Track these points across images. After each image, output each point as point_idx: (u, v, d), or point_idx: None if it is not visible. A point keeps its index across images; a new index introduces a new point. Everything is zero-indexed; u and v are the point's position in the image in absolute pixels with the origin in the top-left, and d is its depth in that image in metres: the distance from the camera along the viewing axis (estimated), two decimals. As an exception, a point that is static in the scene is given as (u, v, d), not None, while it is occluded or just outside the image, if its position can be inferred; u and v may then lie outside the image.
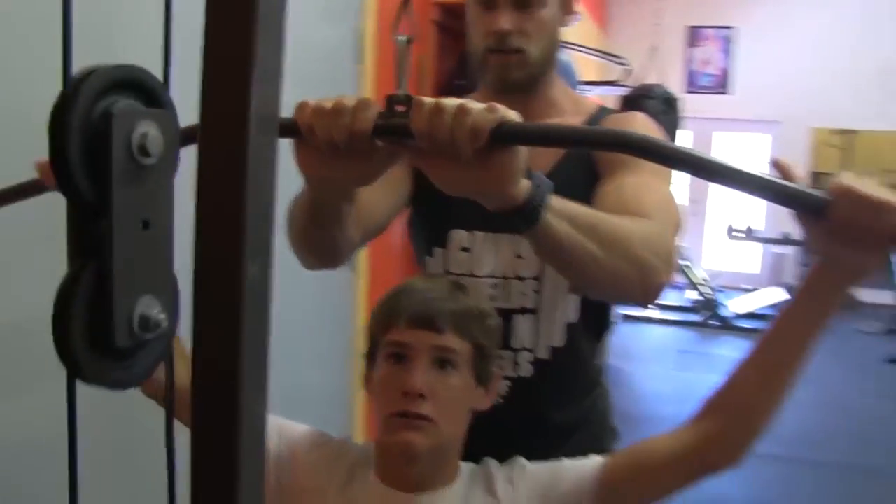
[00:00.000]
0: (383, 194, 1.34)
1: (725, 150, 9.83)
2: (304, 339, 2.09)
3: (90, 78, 0.43)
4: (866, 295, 9.41)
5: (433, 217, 1.47)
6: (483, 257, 1.42)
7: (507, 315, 1.39)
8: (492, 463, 1.22)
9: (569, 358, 1.44)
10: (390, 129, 0.93)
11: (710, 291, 8.23)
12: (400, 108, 0.93)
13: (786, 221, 9.58)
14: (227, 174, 0.39)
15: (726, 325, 7.96)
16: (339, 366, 2.24)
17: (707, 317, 8.11)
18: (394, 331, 1.14)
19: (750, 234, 9.12)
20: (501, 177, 0.93)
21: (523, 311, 1.41)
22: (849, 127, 9.87)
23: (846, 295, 0.96)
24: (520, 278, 1.41)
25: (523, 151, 0.93)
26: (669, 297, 8.87)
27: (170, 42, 0.48)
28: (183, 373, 1.15)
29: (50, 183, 1.08)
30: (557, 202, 1.01)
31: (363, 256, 2.82)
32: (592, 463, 1.16)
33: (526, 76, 1.39)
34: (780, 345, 1.02)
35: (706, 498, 3.79)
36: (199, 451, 0.41)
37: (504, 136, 0.89)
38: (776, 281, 9.71)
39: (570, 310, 1.43)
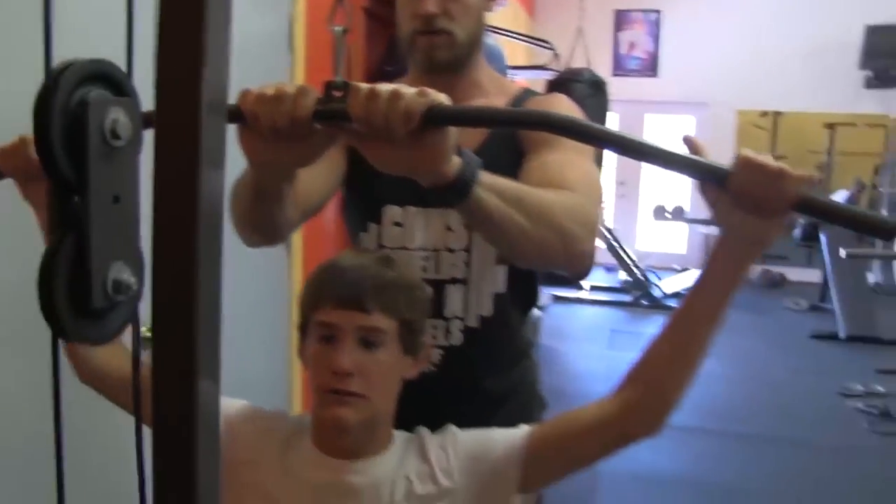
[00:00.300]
0: (319, 176, 1.40)
1: (655, 131, 10.02)
2: (242, 315, 2.15)
3: (68, 71, 0.49)
4: (793, 273, 9.76)
5: (367, 195, 1.53)
6: (415, 231, 1.49)
7: (438, 285, 1.46)
8: (424, 431, 1.28)
9: (497, 327, 1.52)
10: (329, 114, 0.99)
11: (640, 272, 8.41)
12: (337, 94, 0.99)
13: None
14: (182, 155, 0.45)
15: (657, 305, 8.14)
16: (276, 342, 2.30)
17: (638, 296, 8.28)
18: (322, 311, 1.18)
19: (678, 215, 9.37)
20: (433, 156, 1.00)
21: (454, 281, 1.49)
22: (774, 108, 10.15)
23: (749, 266, 1.05)
24: (450, 250, 1.48)
25: (453, 132, 1.00)
26: (601, 278, 9.07)
27: (132, 38, 0.54)
28: (121, 362, 1.20)
29: (7, 172, 1.13)
30: (486, 177, 1.09)
31: (297, 234, 2.86)
32: (520, 432, 1.22)
33: (452, 57, 1.46)
34: (690, 318, 1.10)
35: (637, 471, 3.97)
36: (160, 415, 0.46)
37: (435, 118, 0.96)
38: (703, 260, 9.99)
39: (498, 280, 1.51)
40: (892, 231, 0.94)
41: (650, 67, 10.03)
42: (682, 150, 0.99)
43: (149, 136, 0.49)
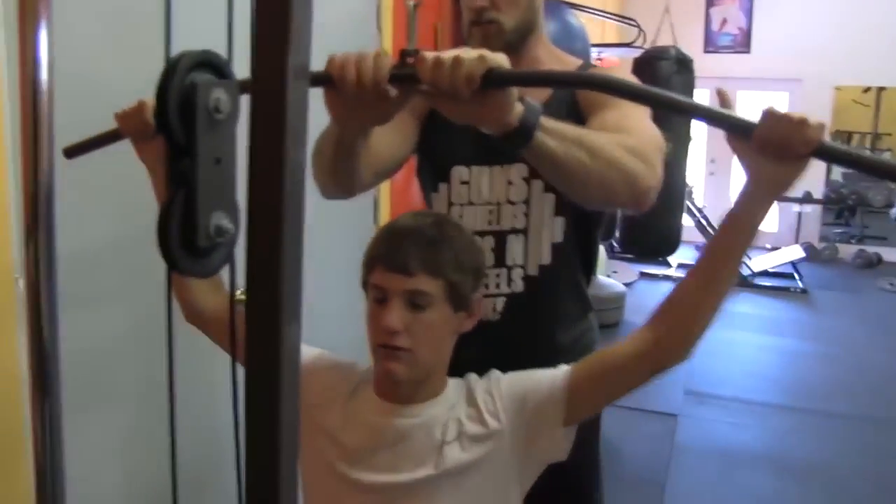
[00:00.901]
0: (392, 142, 1.56)
1: (747, 108, 9.84)
2: (331, 272, 2.31)
3: (182, 59, 0.63)
4: (891, 254, 9.50)
5: (436, 158, 1.68)
6: (480, 187, 1.62)
7: (500, 236, 1.61)
8: (472, 377, 1.40)
9: (555, 275, 1.63)
10: (403, 78, 1.15)
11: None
12: (410, 61, 1.15)
13: (804, 179, 9.68)
14: (272, 113, 0.57)
15: (744, 283, 8.06)
16: (360, 297, 2.46)
17: (725, 274, 8.19)
18: (375, 273, 1.30)
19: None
20: (496, 109, 1.15)
21: (514, 231, 1.61)
22: (877, 84, 9.81)
23: (769, 209, 1.14)
24: (511, 202, 1.60)
25: (513, 88, 1.14)
26: (689, 256, 9.02)
27: (232, 33, 0.67)
28: (221, 305, 1.36)
29: (125, 132, 1.32)
30: (547, 122, 1.22)
31: (384, 196, 3.06)
32: (560, 372, 1.33)
33: (503, 44, 1.57)
34: (715, 256, 1.20)
35: (715, 446, 4.01)
36: (253, 357, 0.57)
37: (492, 81, 1.10)
38: (795, 239, 9.80)
39: (556, 231, 1.62)
40: None
41: (743, 43, 9.82)
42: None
43: (245, 105, 0.61)
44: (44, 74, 0.59)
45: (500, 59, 1.12)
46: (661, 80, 4.30)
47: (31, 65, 0.58)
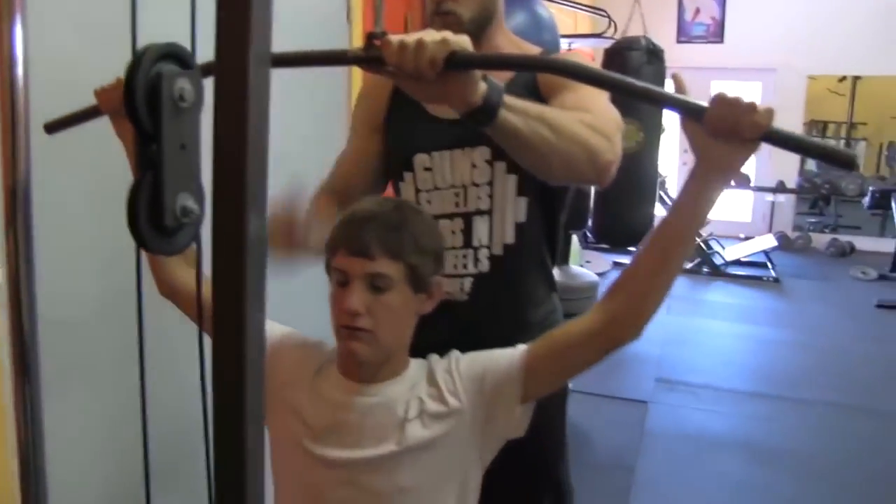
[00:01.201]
0: (357, 174, 1.75)
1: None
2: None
3: (148, 51, 0.67)
4: (864, 243, 9.63)
5: (399, 149, 1.74)
6: (444, 172, 1.67)
7: (467, 217, 1.66)
8: (433, 357, 1.44)
9: (520, 254, 1.68)
10: (370, 60, 1.21)
11: (701, 240, 8.41)
12: (377, 42, 1.20)
13: (778, 169, 9.80)
14: (236, 97, 0.60)
15: (717, 272, 8.17)
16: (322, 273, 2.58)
17: (698, 264, 8.31)
18: (337, 257, 1.33)
19: (741, 183, 9.31)
20: (459, 89, 1.21)
21: (479, 212, 1.66)
22: (852, 73, 9.90)
23: (723, 185, 1.17)
24: (475, 185, 1.65)
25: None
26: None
27: (195, 25, 0.72)
28: (192, 277, 1.40)
29: (105, 108, 1.36)
30: (510, 100, 1.28)
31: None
32: (518, 351, 1.38)
33: (462, 33, 1.63)
34: (666, 237, 1.24)
35: (686, 432, 4.09)
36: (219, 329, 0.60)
37: (455, 63, 1.17)
38: (769, 228, 9.93)
39: (519, 211, 1.67)
40: (849, 161, 1.08)
41: (716, 33, 9.88)
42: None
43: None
44: (20, 70, 0.63)
45: (463, 42, 1.18)
46: (632, 71, 4.36)
47: (7, 60, 0.62)
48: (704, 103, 1.10)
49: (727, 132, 1.09)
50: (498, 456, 1.48)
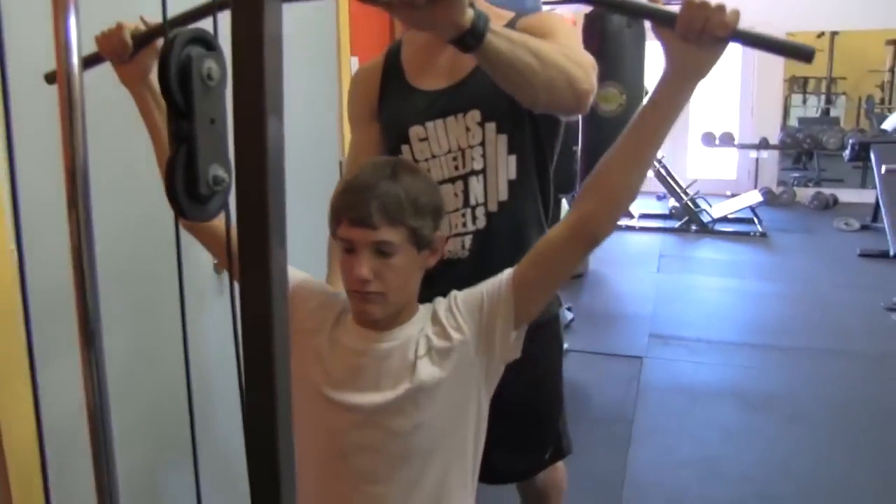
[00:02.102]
0: (369, 150, 1.85)
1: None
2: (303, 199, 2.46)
3: (178, 37, 0.75)
4: (847, 195, 9.74)
5: (393, 125, 1.84)
6: (439, 139, 1.76)
7: (464, 178, 1.76)
8: (437, 300, 1.53)
9: (514, 209, 1.78)
10: None
11: (688, 198, 8.51)
12: None
13: (761, 126, 9.88)
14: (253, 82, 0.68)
15: (705, 230, 8.28)
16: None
17: (686, 222, 8.41)
18: (341, 227, 1.40)
19: (726, 141, 9.40)
20: (448, 13, 1.30)
21: (474, 173, 1.76)
22: (825, 28, 9.95)
23: (693, 87, 1.27)
24: (470, 146, 1.75)
25: None
26: (651, 206, 9.22)
27: (216, 16, 0.79)
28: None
29: (106, 54, 1.43)
30: (496, 26, 1.37)
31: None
32: (506, 274, 1.47)
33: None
34: (640, 133, 1.32)
35: (679, 383, 4.21)
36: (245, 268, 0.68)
37: None
38: (754, 185, 10.02)
39: (510, 168, 1.77)
40: (808, 53, 1.19)
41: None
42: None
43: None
44: (75, 59, 0.70)
45: None
46: (612, 35, 4.42)
47: (63, 50, 0.69)
48: (676, 11, 1.20)
49: (698, 33, 1.18)
50: (500, 410, 1.57)
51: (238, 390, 0.76)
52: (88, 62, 1.45)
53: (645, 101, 1.34)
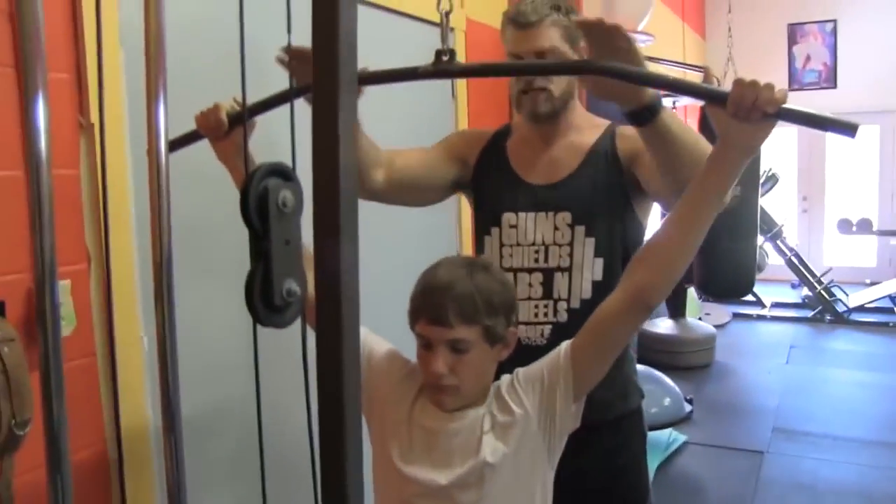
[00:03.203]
0: (421, 160, 1.97)
1: (838, 145, 9.72)
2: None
3: (258, 170, 0.88)
4: None
5: (488, 205, 1.97)
6: (527, 231, 1.89)
7: (548, 273, 1.87)
8: (502, 377, 1.59)
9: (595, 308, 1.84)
10: (437, 75, 1.48)
11: (822, 287, 8.22)
12: (445, 59, 1.45)
13: (900, 213, 9.49)
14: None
15: (840, 319, 7.95)
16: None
17: (819, 311, 8.11)
18: (419, 324, 1.50)
19: (864, 228, 9.05)
20: (633, 89, 1.46)
21: (560, 269, 1.87)
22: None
23: (745, 161, 1.33)
24: (557, 244, 1.86)
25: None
26: (783, 294, 8.94)
27: (294, 146, 0.91)
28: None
29: (204, 132, 1.62)
30: (666, 109, 1.51)
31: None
32: (563, 346, 1.53)
33: (551, 108, 1.89)
34: (692, 206, 1.39)
35: (800, 481, 4.05)
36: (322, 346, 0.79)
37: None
38: (893, 273, 9.58)
39: (596, 270, 1.87)
40: (852, 127, 1.24)
41: (828, 79, 9.69)
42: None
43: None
44: (163, 146, 0.83)
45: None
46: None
47: (154, 140, 0.81)
48: (726, 90, 1.28)
49: (747, 110, 1.26)
50: (583, 499, 1.61)
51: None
52: (188, 139, 1.63)
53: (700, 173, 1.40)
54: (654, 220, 1.98)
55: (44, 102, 0.65)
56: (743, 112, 1.26)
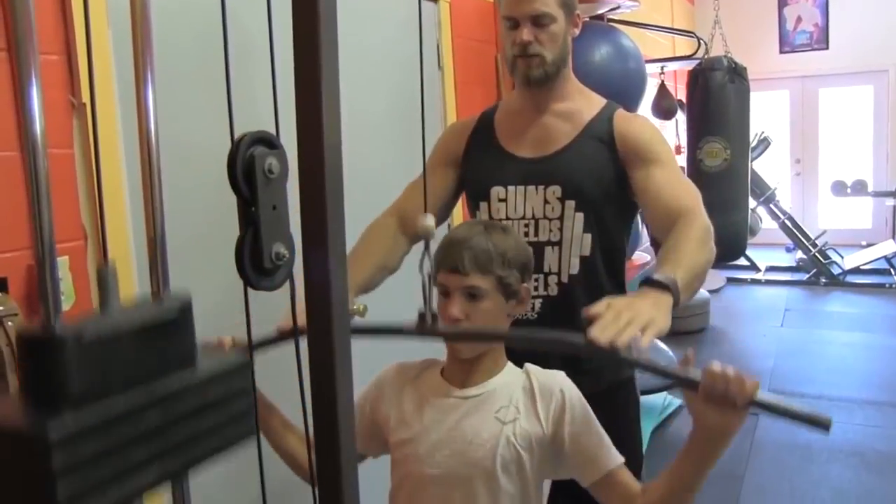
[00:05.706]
0: (437, 195, 2.00)
1: (830, 106, 9.72)
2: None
3: (244, 139, 0.91)
4: None
5: (476, 181, 2.01)
6: (516, 205, 1.93)
7: (538, 247, 1.89)
8: (533, 368, 1.61)
9: (584, 283, 1.91)
10: (424, 333, 1.42)
11: (816, 250, 8.26)
12: (429, 321, 1.40)
13: None
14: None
15: (836, 282, 8.01)
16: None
17: (814, 274, 8.18)
18: (440, 274, 1.57)
19: (858, 190, 9.07)
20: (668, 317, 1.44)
21: (550, 243, 1.91)
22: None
23: (720, 450, 1.31)
24: (547, 218, 1.90)
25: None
26: (778, 258, 8.99)
27: (277, 116, 0.95)
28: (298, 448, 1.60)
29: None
30: (679, 281, 1.50)
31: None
32: (605, 461, 1.52)
33: (543, 74, 1.91)
34: (673, 490, 1.40)
35: (793, 441, 4.12)
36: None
37: None
38: (891, 234, 9.61)
39: (585, 245, 1.91)
40: (827, 424, 1.22)
41: (820, 40, 9.67)
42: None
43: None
44: (152, 124, 0.87)
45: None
46: (715, 90, 4.46)
47: (144, 118, 0.86)
48: (698, 377, 1.26)
49: (719, 399, 1.24)
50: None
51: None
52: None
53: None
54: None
55: (37, 85, 0.69)
56: (713, 399, 1.25)
